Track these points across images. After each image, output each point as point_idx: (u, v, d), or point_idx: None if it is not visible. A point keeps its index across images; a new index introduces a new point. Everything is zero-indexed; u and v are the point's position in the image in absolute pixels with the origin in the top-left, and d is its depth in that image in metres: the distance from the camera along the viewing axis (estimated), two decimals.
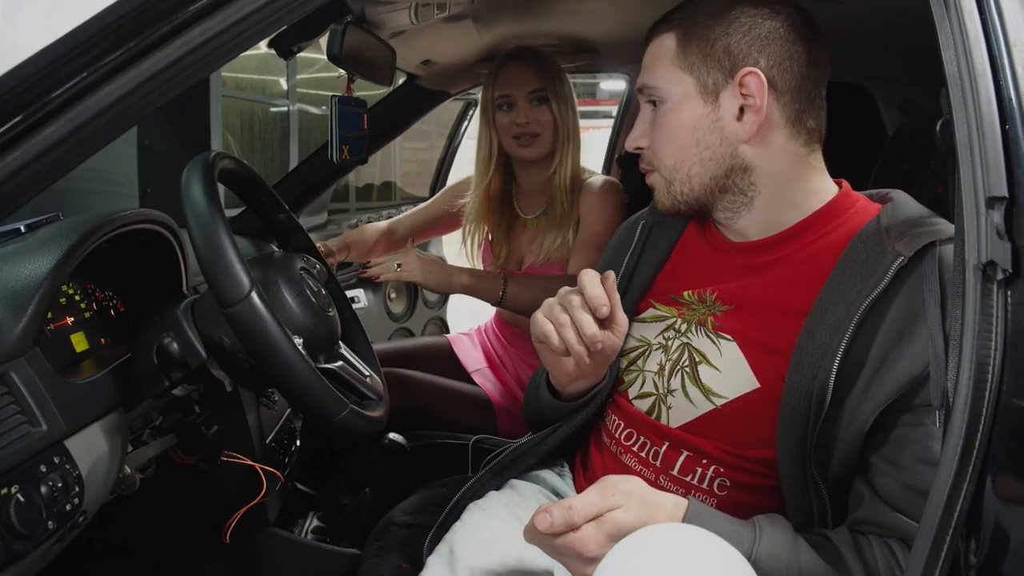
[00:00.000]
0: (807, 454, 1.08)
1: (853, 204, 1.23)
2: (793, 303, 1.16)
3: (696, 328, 1.26)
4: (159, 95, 0.96)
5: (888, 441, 1.05)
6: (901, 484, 1.03)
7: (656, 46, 1.26)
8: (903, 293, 1.05)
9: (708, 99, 1.21)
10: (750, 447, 1.17)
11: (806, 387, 1.08)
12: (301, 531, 2.04)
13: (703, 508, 1.05)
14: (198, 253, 1.10)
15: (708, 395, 1.21)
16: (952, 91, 0.89)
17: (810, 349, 1.09)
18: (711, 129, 1.21)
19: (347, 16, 1.64)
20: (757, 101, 1.17)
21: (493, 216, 2.41)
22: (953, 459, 0.82)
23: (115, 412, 1.22)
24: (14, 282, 1.09)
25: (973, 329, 0.83)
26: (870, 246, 1.11)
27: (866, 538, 1.04)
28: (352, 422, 1.17)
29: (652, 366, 1.30)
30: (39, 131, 0.90)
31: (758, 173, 1.23)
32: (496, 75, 2.27)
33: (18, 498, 0.95)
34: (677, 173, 1.25)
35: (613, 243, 1.54)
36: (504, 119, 2.27)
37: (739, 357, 1.19)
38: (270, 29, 1.03)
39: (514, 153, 2.32)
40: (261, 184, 1.44)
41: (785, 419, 1.10)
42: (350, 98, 1.81)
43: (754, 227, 1.27)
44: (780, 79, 1.19)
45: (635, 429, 1.30)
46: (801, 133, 1.22)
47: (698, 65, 1.21)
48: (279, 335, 1.09)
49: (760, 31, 1.18)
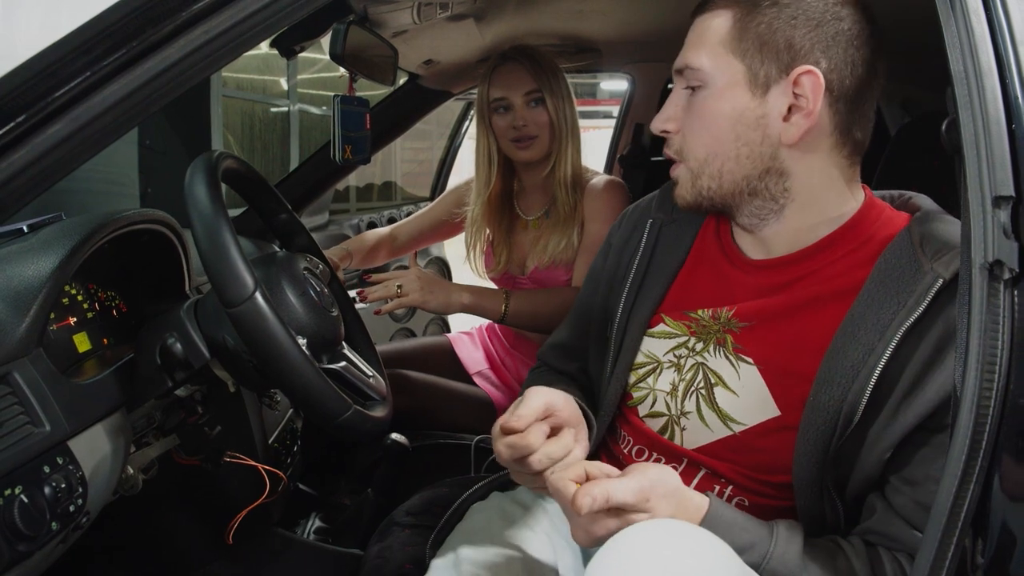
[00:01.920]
0: (824, 472, 1.06)
1: (879, 214, 1.17)
2: (822, 323, 1.10)
3: (714, 349, 1.20)
4: (162, 95, 0.96)
5: (906, 459, 1.03)
6: (915, 501, 1.01)
7: (707, 22, 1.15)
8: (940, 316, 1.01)
9: (756, 92, 1.11)
10: (769, 473, 1.14)
11: (834, 407, 1.04)
12: (303, 531, 2.05)
13: (723, 510, 1.04)
14: (202, 253, 1.10)
15: (726, 420, 1.17)
16: (958, 90, 0.89)
17: (839, 369, 1.04)
18: (754, 125, 1.12)
19: (350, 16, 1.64)
20: (810, 104, 1.09)
21: (494, 219, 2.38)
22: (960, 458, 0.82)
23: (118, 413, 1.22)
24: (17, 282, 1.09)
25: (980, 328, 0.83)
26: (904, 263, 1.06)
27: (875, 549, 1.03)
28: (356, 423, 1.17)
29: (664, 385, 1.25)
30: (42, 130, 0.90)
31: (794, 180, 1.14)
32: (491, 77, 2.23)
33: (22, 499, 0.95)
34: (707, 167, 1.16)
35: (616, 238, 1.45)
36: (501, 122, 2.24)
37: (759, 382, 1.15)
38: (273, 28, 1.03)
39: (513, 155, 2.28)
40: (264, 184, 1.44)
41: (805, 437, 1.06)
42: (352, 97, 1.81)
43: (780, 238, 1.19)
44: (838, 84, 1.10)
45: (646, 447, 1.27)
46: (847, 144, 1.14)
47: (752, 53, 1.11)
48: (283, 336, 1.09)
49: (828, 29, 1.09)
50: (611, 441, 1.35)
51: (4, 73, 0.91)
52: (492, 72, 2.23)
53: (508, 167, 2.37)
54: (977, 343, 0.83)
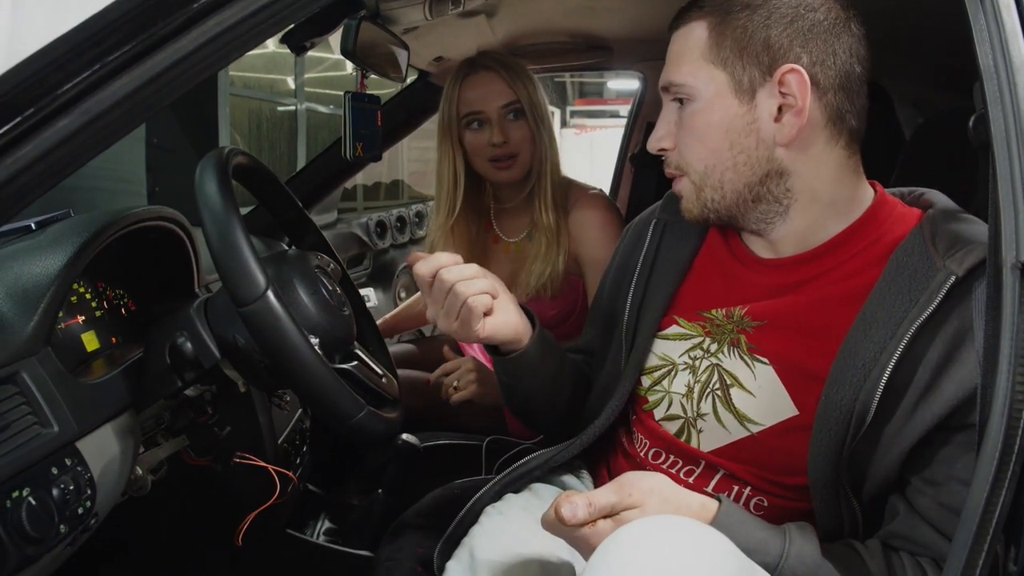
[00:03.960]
0: (840, 472, 1.05)
1: (891, 211, 1.16)
2: (834, 322, 1.09)
3: (728, 349, 1.19)
4: (174, 88, 0.94)
5: (928, 460, 1.01)
6: (939, 503, 0.99)
7: (684, 37, 1.16)
8: (954, 312, 0.99)
9: (743, 97, 1.11)
10: (788, 475, 1.13)
11: (846, 406, 1.03)
12: (313, 533, 2.03)
13: (735, 511, 1.03)
14: (213, 251, 1.08)
15: (743, 421, 1.16)
16: (987, 85, 0.87)
17: (851, 367, 1.03)
18: (746, 131, 1.12)
19: (361, 11, 1.62)
20: (798, 101, 1.08)
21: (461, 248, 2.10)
22: (991, 462, 0.80)
23: (127, 413, 1.21)
24: (25, 280, 1.08)
25: (1012, 330, 0.81)
26: (916, 260, 1.05)
27: (898, 555, 1.01)
28: (369, 424, 1.15)
29: (679, 387, 1.24)
30: (52, 124, 0.88)
31: (795, 179, 1.14)
32: (459, 89, 2.02)
33: (29, 501, 0.93)
34: (708, 179, 1.16)
35: (622, 247, 1.46)
36: (476, 139, 2.02)
37: (775, 382, 1.13)
38: (286, 21, 1.01)
39: (491, 177, 2.09)
40: (274, 181, 1.42)
41: (819, 437, 1.05)
42: (364, 94, 1.79)
43: (789, 240, 1.18)
44: (823, 76, 1.09)
45: (663, 449, 1.26)
46: (842, 134, 1.13)
47: (733, 60, 1.11)
48: (296, 335, 1.07)
49: (803, 23, 1.09)
50: (628, 444, 1.34)
51: (12, 65, 0.89)
52: (461, 82, 2.03)
53: (475, 187, 2.17)
54: (1009, 345, 0.81)
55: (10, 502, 0.91)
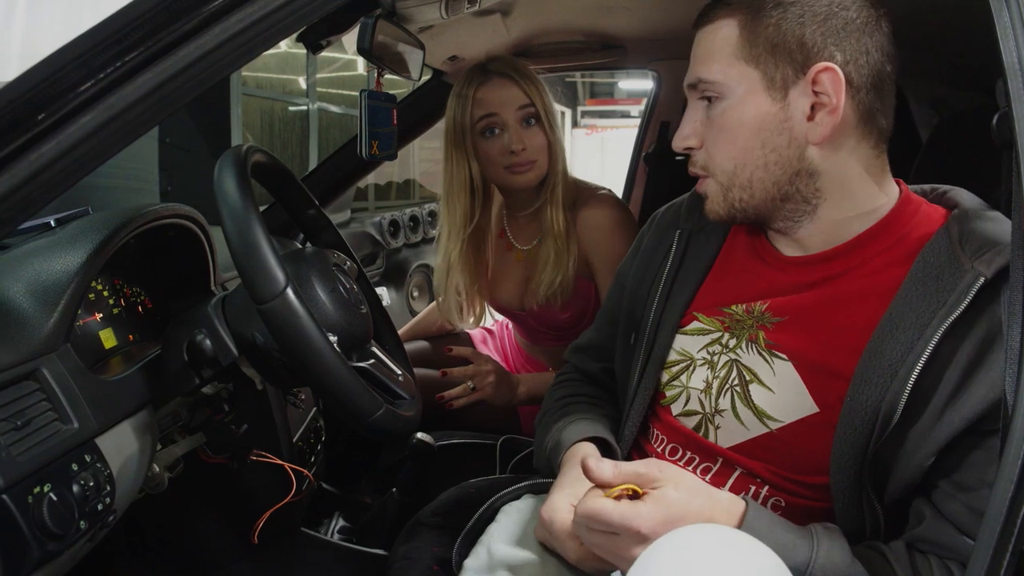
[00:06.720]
0: (863, 474, 1.04)
1: (916, 210, 1.15)
2: (857, 321, 1.09)
3: (747, 345, 1.19)
4: (196, 84, 0.94)
5: (957, 464, 1.00)
6: (967, 507, 0.98)
7: (712, 34, 1.15)
8: (983, 314, 0.98)
9: (776, 95, 1.10)
10: (807, 473, 1.12)
11: (871, 407, 1.02)
12: (327, 531, 2.03)
13: (762, 512, 1.02)
14: (232, 248, 1.08)
15: (762, 417, 1.15)
16: (1011, 83, 0.86)
17: (877, 368, 1.02)
18: (779, 129, 1.11)
19: (377, 10, 1.62)
20: (833, 100, 1.08)
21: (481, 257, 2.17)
22: (1016, 463, 0.79)
23: (144, 410, 1.21)
24: (45, 276, 1.08)
25: None
26: (943, 260, 1.04)
27: (925, 558, 1.00)
28: (387, 422, 1.15)
29: (697, 383, 1.23)
30: (75, 120, 0.88)
31: (824, 178, 1.13)
32: (474, 95, 1.99)
33: (51, 497, 0.93)
34: (737, 178, 1.15)
35: (646, 242, 1.44)
36: (491, 146, 1.99)
37: (795, 378, 1.12)
38: (305, 19, 1.01)
39: (507, 183, 2.05)
40: (291, 178, 1.42)
41: (843, 437, 1.04)
42: (380, 93, 1.79)
43: (815, 237, 1.17)
44: (856, 75, 1.09)
45: (680, 445, 1.25)
46: (872, 133, 1.13)
47: (765, 57, 1.10)
48: (315, 333, 1.07)
49: (836, 22, 1.08)
50: (644, 440, 1.33)
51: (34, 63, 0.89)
52: (476, 89, 2.00)
53: (488, 196, 2.15)
54: None
55: (32, 498, 0.91)
